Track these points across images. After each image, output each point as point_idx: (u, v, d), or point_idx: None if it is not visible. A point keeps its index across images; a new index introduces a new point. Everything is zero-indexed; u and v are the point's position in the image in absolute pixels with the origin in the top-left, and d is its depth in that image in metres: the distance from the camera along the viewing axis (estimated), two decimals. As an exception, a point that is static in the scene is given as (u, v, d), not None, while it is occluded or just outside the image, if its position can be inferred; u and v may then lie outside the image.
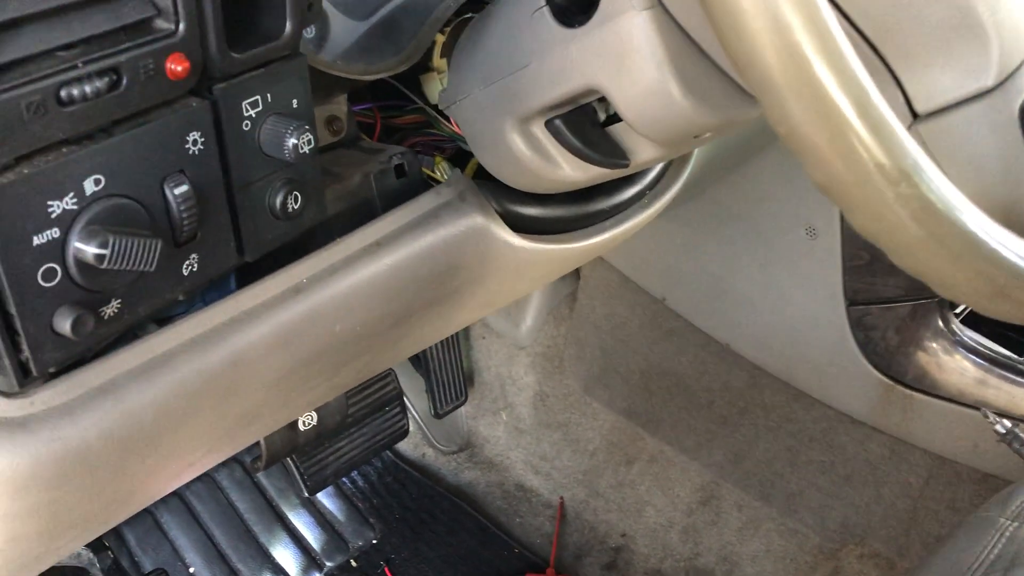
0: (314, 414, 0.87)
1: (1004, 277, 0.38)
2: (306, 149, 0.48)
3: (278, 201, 0.50)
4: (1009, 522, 0.77)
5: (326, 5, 0.61)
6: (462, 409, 1.34)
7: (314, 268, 0.55)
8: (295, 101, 0.49)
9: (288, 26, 0.47)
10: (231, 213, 0.48)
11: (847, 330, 1.03)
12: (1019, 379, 0.96)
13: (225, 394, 0.53)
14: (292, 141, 0.47)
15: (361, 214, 0.60)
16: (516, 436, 1.35)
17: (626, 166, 0.62)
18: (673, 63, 0.51)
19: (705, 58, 0.52)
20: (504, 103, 0.61)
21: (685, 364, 1.21)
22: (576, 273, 1.29)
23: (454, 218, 0.63)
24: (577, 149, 0.61)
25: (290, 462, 1.06)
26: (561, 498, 1.31)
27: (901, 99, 0.48)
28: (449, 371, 1.28)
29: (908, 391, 1.02)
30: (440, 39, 0.70)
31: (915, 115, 0.48)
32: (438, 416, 1.27)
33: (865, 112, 0.35)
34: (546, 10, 0.56)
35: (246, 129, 0.47)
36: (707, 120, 0.54)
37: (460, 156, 0.76)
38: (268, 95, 0.48)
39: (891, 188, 0.36)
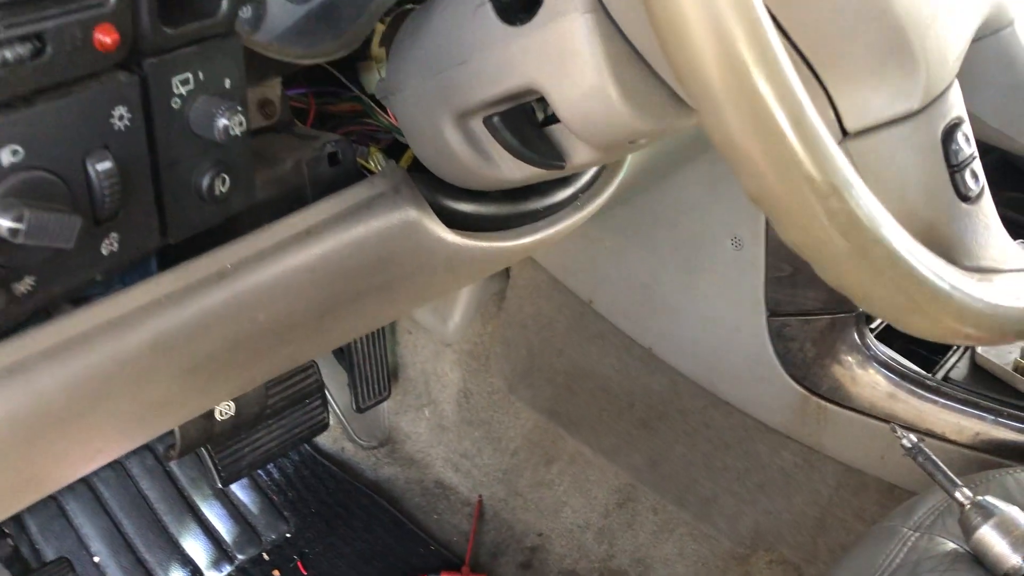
0: (232, 404, 0.85)
1: (922, 294, 0.40)
2: (237, 131, 0.47)
3: (205, 183, 0.48)
4: (912, 532, 0.79)
5: (265, -15, 0.60)
6: (384, 404, 1.33)
7: (240, 253, 0.53)
8: (228, 81, 0.48)
9: (224, 3, 0.46)
10: (155, 193, 0.47)
11: (767, 340, 1.06)
12: (926, 394, 0.99)
13: (140, 379, 0.52)
14: (223, 122, 0.46)
15: (291, 201, 0.59)
16: (438, 433, 1.34)
17: (562, 167, 0.63)
18: (612, 67, 0.52)
19: (644, 65, 0.53)
20: (443, 97, 0.61)
21: (608, 367, 1.22)
22: (505, 272, 1.29)
23: (387, 210, 0.62)
24: (514, 148, 0.61)
25: (204, 452, 1.03)
26: (480, 496, 1.31)
27: (832, 116, 0.49)
28: (373, 365, 1.26)
29: (822, 402, 1.04)
30: (380, 28, 0.69)
31: (845, 132, 0.49)
32: (360, 410, 1.26)
33: (800, 126, 0.36)
34: (489, 7, 0.56)
35: (175, 107, 0.46)
36: (643, 126, 0.55)
37: (395, 147, 0.75)
38: (200, 73, 0.46)
39: (820, 202, 0.36)
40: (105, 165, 0.42)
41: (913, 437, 0.79)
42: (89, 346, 0.47)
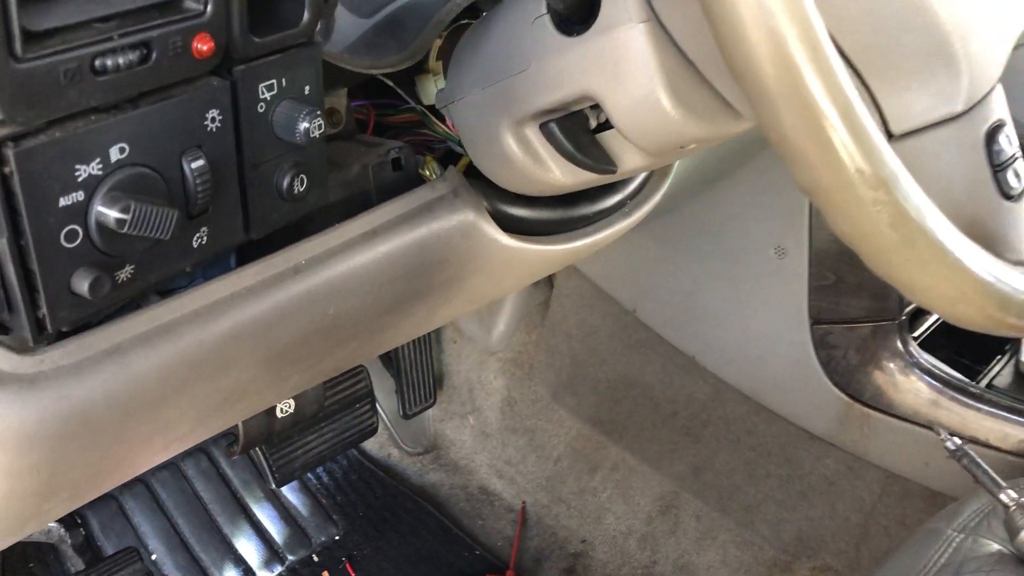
0: (292, 402, 0.89)
1: (966, 284, 0.42)
2: (316, 133, 0.50)
3: (285, 182, 0.52)
4: (956, 534, 0.80)
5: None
6: (430, 411, 1.36)
7: (313, 251, 0.57)
8: (307, 87, 0.51)
9: (306, 15, 0.49)
10: (241, 191, 0.50)
11: (810, 348, 1.07)
12: (969, 401, 1.00)
13: (221, 367, 0.55)
14: (304, 125, 0.49)
15: (358, 203, 0.62)
16: (482, 440, 1.36)
17: (613, 172, 0.65)
18: (665, 75, 0.54)
19: (696, 73, 0.55)
20: (501, 105, 0.64)
21: (651, 375, 1.24)
22: (549, 281, 1.32)
23: (447, 213, 0.65)
24: (569, 153, 0.64)
25: (259, 454, 1.07)
26: (523, 503, 1.33)
27: (877, 118, 0.51)
28: (419, 373, 1.29)
29: (866, 409, 1.06)
30: (437, 42, 0.72)
31: (890, 135, 0.51)
32: (406, 417, 1.29)
33: (849, 122, 0.38)
34: (547, 18, 0.59)
35: (261, 111, 0.49)
36: (694, 132, 0.57)
37: (449, 157, 0.78)
38: (283, 80, 0.50)
39: (869, 194, 0.39)
40: (199, 163, 0.46)
41: (958, 440, 0.80)
42: (177, 334, 0.51)
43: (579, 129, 0.63)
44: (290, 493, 1.28)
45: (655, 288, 1.20)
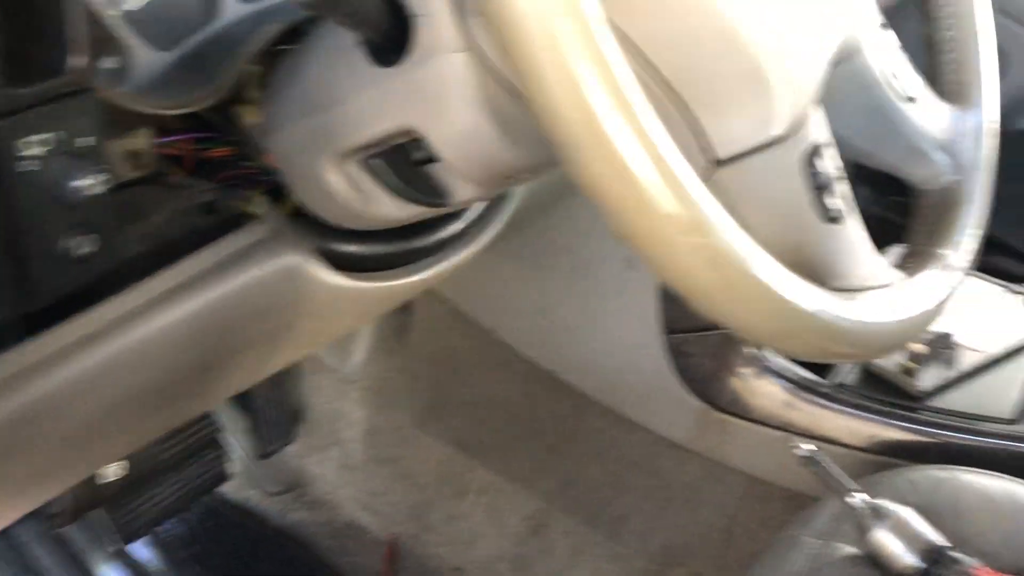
0: (122, 463, 0.82)
1: (792, 319, 0.41)
2: (96, 191, 0.45)
3: (68, 245, 0.46)
4: (812, 540, 0.81)
5: (129, 34, 0.58)
6: (289, 448, 1.30)
7: (111, 314, 0.51)
8: (85, 139, 0.46)
9: (77, 60, 0.44)
10: (13, 258, 0.45)
11: (665, 357, 1.07)
12: (821, 400, 1.02)
13: (12, 451, 0.49)
14: (81, 182, 0.44)
15: (165, 255, 0.57)
16: (346, 473, 1.32)
17: (445, 205, 0.62)
18: (488, 106, 0.52)
19: (520, 102, 0.53)
20: (320, 140, 0.60)
21: (514, 394, 1.22)
22: (407, 305, 1.28)
23: (267, 257, 0.61)
24: (395, 188, 0.61)
25: (99, 513, 0.99)
26: (392, 534, 1.29)
27: (703, 145, 0.50)
28: (275, 409, 1.23)
29: (723, 415, 1.06)
30: (256, 70, 0.68)
31: (716, 160, 0.50)
32: (263, 457, 1.23)
33: (657, 166, 0.36)
34: (360, 47, 0.55)
35: (31, 169, 0.44)
36: (522, 163, 0.55)
37: (279, 189, 0.74)
38: (55, 133, 0.45)
39: (684, 238, 0.37)
40: (-49, 235, 0.40)
41: (808, 447, 0.81)
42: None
43: (404, 162, 0.60)
44: (140, 549, 1.19)
45: (512, 306, 1.18)
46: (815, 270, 0.48)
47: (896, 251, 0.58)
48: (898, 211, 1.14)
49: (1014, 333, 1.08)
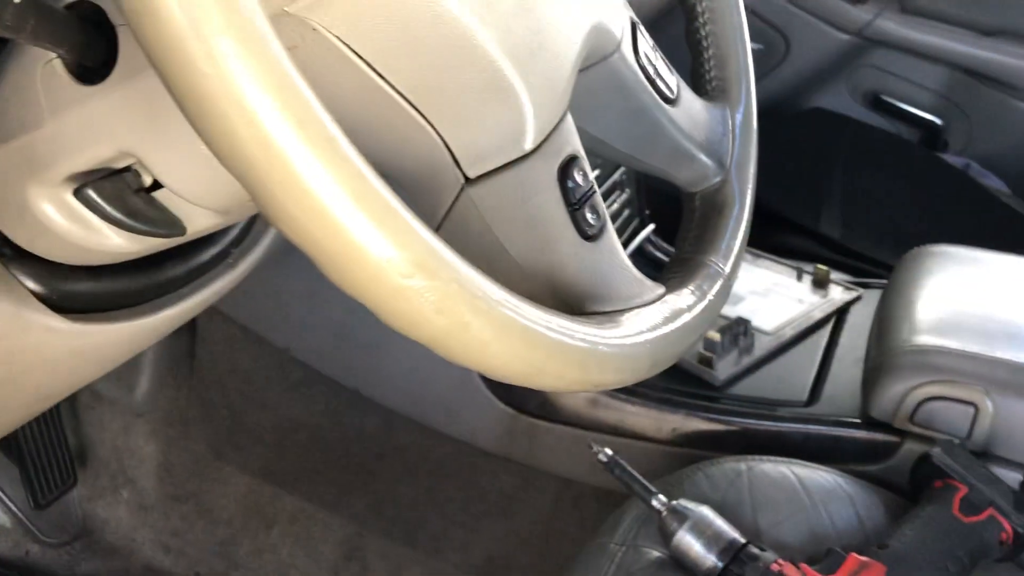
0: None
1: (537, 355, 0.37)
2: None
3: None
4: (618, 546, 0.80)
5: None
6: (73, 493, 1.18)
7: None
8: None
9: None
10: None
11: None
12: (624, 396, 1.01)
13: None
14: None
15: None
16: (141, 514, 1.21)
17: (182, 234, 0.56)
18: None
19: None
20: (23, 169, 0.52)
21: (317, 415, 1.15)
22: (192, 326, 1.19)
23: (-34, 310, 0.52)
24: (117, 221, 0.53)
25: None
26: (197, 574, 1.20)
27: (450, 161, 0.45)
28: (50, 452, 1.12)
29: (531, 419, 1.04)
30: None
31: (466, 178, 0.46)
32: (40, 507, 1.11)
33: (364, 203, 0.31)
34: (58, 63, 0.48)
35: None
36: (258, 185, 0.49)
37: None
38: None
39: (405, 282, 0.32)
40: None
41: (608, 451, 0.79)
42: None
43: (127, 190, 0.53)
44: None
45: (307, 324, 1.11)
46: (574, 293, 0.45)
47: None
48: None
49: (805, 314, 1.11)
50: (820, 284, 1.16)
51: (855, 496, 0.83)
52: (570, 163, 0.47)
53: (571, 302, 0.44)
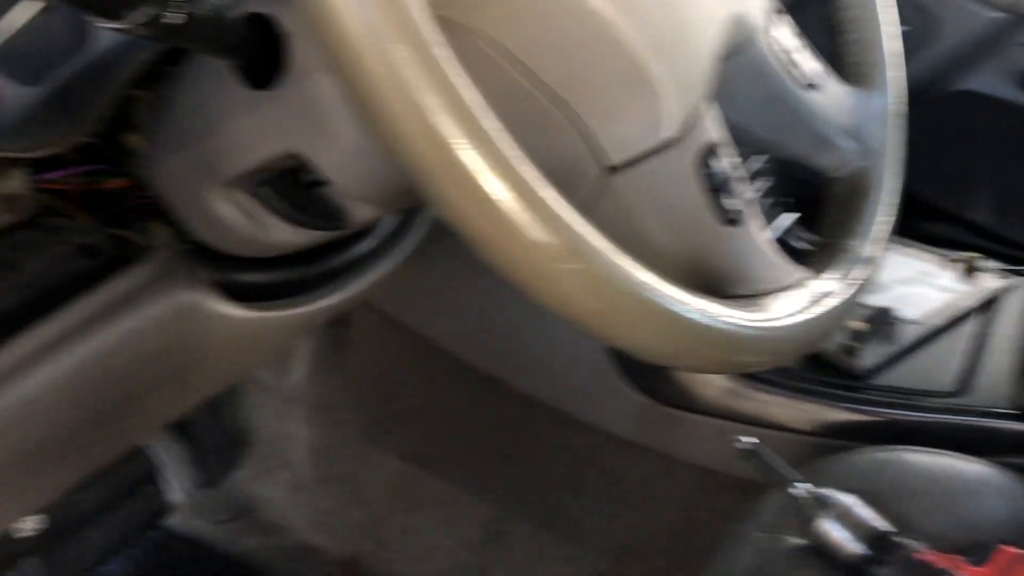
0: (40, 516, 0.78)
1: (683, 336, 0.39)
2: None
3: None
4: (760, 534, 0.80)
5: (-11, 73, 0.55)
6: (236, 473, 1.27)
7: (-18, 376, 0.48)
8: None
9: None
10: None
11: (603, 353, 1.05)
12: (764, 386, 1.01)
13: None
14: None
15: (42, 306, 0.54)
16: (297, 494, 1.29)
17: (345, 227, 0.60)
18: None
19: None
20: (202, 170, 0.57)
21: (460, 401, 1.19)
22: (344, 317, 1.25)
23: (157, 298, 0.57)
24: (288, 215, 0.58)
25: (34, 562, 0.95)
26: (349, 553, 1.26)
27: (594, 151, 0.47)
28: (216, 435, 1.20)
29: (667, 408, 1.05)
30: (143, 96, 0.65)
31: (608, 167, 0.48)
32: (208, 485, 1.19)
33: (520, 192, 0.34)
34: (232, 71, 0.53)
35: None
36: (413, 178, 0.53)
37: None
38: None
39: (558, 265, 0.35)
40: None
41: (748, 440, 0.79)
42: None
43: (295, 187, 0.58)
44: (85, 592, 1.16)
45: (450, 312, 1.16)
46: (716, 277, 0.46)
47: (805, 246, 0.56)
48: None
49: (953, 303, 1.08)
50: (969, 272, 1.12)
51: (1009, 489, 0.80)
52: (711, 150, 0.48)
53: (714, 285, 0.46)
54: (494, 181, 0.33)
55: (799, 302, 0.46)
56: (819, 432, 0.98)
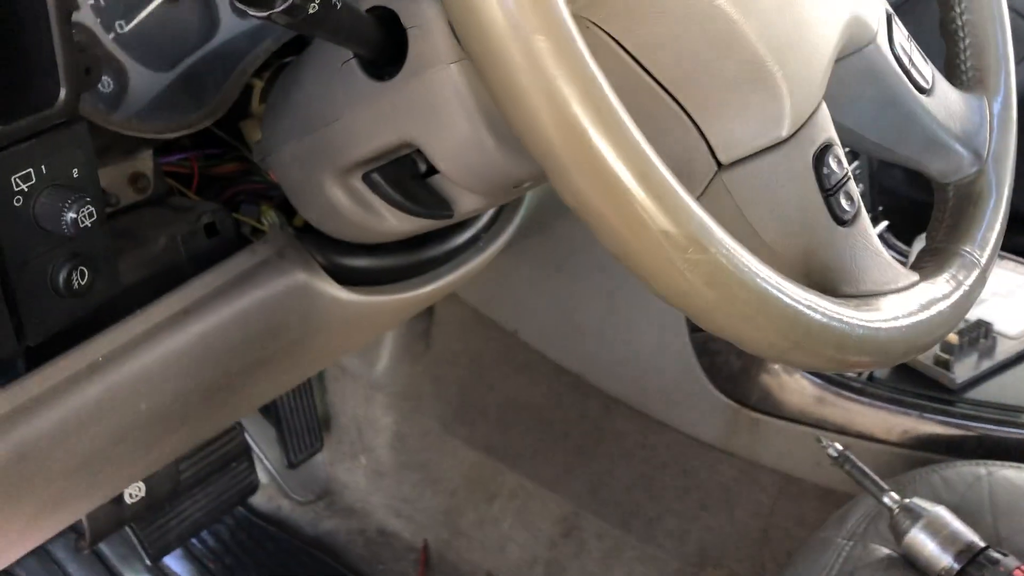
0: (142, 484, 0.82)
1: (797, 331, 0.39)
2: (87, 222, 0.44)
3: (61, 278, 0.46)
4: (845, 541, 0.79)
5: (124, 57, 0.57)
6: (318, 456, 1.30)
7: (112, 343, 0.51)
8: (75, 171, 0.46)
9: (62, 92, 0.44)
10: (6, 294, 0.44)
11: (691, 356, 1.05)
12: (853, 395, 1.00)
13: (16, 488, 0.49)
14: (71, 215, 0.44)
15: (168, 280, 0.56)
16: (376, 480, 1.31)
17: (450, 217, 0.61)
18: (485, 115, 0.51)
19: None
20: (319, 156, 0.59)
21: (540, 396, 1.20)
22: (429, 309, 1.27)
23: (272, 277, 0.60)
24: (398, 202, 0.59)
25: (128, 530, 0.99)
26: (424, 540, 1.28)
27: (705, 148, 0.48)
28: (302, 417, 1.23)
29: (753, 413, 1.04)
30: (259, 84, 0.67)
31: (720, 164, 0.48)
32: (292, 466, 1.23)
33: (648, 182, 0.35)
34: (355, 62, 0.54)
35: (18, 204, 0.43)
36: (523, 172, 0.54)
37: (289, 203, 0.73)
38: (43, 166, 0.44)
39: (680, 255, 0.36)
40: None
41: (839, 446, 0.79)
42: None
43: (406, 176, 0.59)
44: (174, 562, 1.20)
45: (535, 308, 1.17)
46: (827, 276, 0.46)
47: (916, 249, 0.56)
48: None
49: (1053, 319, 1.05)
50: (1072, 289, 1.09)
51: (1107, 511, 0.78)
52: (825, 150, 0.48)
53: (825, 284, 0.46)
54: (625, 171, 0.34)
55: (910, 305, 0.46)
56: (908, 444, 0.97)
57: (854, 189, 0.48)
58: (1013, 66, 0.60)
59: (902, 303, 0.46)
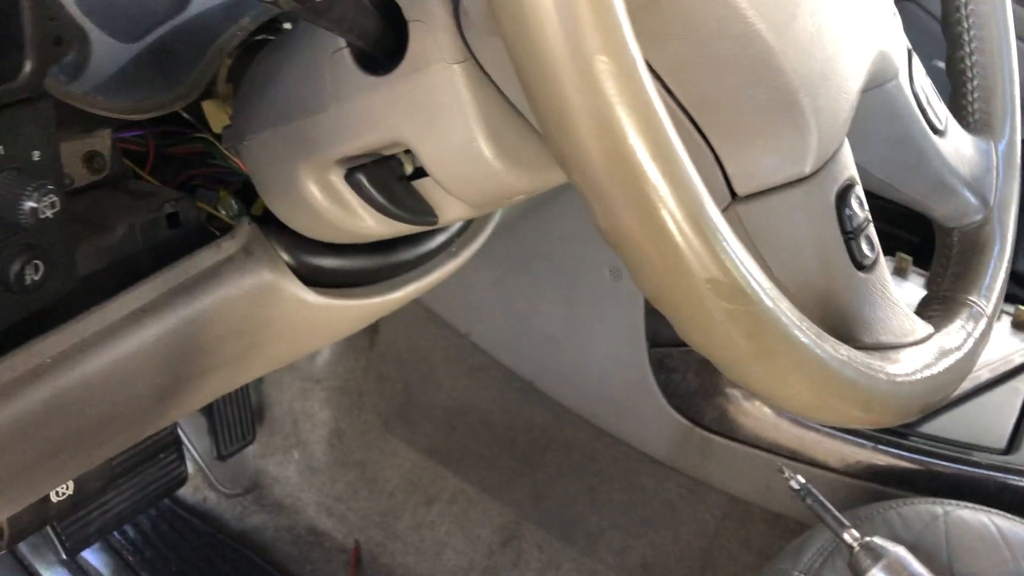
0: (71, 482, 0.76)
1: (829, 391, 0.37)
2: (48, 213, 0.39)
3: (12, 272, 0.41)
4: (801, 574, 0.78)
5: (86, 23, 0.52)
6: (249, 448, 1.25)
7: (60, 344, 0.46)
8: (36, 153, 0.41)
9: (27, 65, 0.39)
10: (-51, 288, 0.39)
11: (648, 371, 1.03)
12: (807, 423, 0.99)
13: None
14: (29, 204, 0.39)
15: (125, 273, 0.51)
16: (309, 476, 1.26)
17: (434, 223, 0.58)
18: (485, 122, 0.47)
19: (521, 119, 0.48)
20: (298, 149, 0.55)
21: (488, 401, 1.17)
22: (376, 303, 1.23)
23: (237, 276, 0.55)
24: (380, 205, 0.55)
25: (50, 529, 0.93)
26: (356, 541, 1.24)
27: (720, 177, 0.45)
28: (234, 408, 1.18)
29: (707, 433, 1.03)
30: (227, 62, 0.62)
31: (735, 195, 0.45)
32: (222, 457, 1.17)
33: (700, 227, 0.32)
34: (347, 52, 0.50)
35: (-28, 187, 0.38)
36: (520, 184, 0.50)
37: (249, 190, 0.68)
38: (3, 146, 0.39)
39: (723, 304, 0.33)
40: None
41: (801, 479, 0.77)
42: None
43: (391, 177, 0.55)
44: (90, 555, 1.14)
45: (489, 311, 1.13)
46: (845, 323, 0.44)
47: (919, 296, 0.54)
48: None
49: (1004, 358, 1.06)
50: (1021, 327, 1.11)
51: (1059, 556, 0.79)
52: (847, 190, 0.46)
53: (840, 331, 0.44)
54: (679, 213, 0.31)
55: (926, 357, 0.44)
56: (861, 475, 0.97)
57: (874, 233, 0.46)
58: (1019, 111, 0.59)
59: (920, 356, 0.44)
